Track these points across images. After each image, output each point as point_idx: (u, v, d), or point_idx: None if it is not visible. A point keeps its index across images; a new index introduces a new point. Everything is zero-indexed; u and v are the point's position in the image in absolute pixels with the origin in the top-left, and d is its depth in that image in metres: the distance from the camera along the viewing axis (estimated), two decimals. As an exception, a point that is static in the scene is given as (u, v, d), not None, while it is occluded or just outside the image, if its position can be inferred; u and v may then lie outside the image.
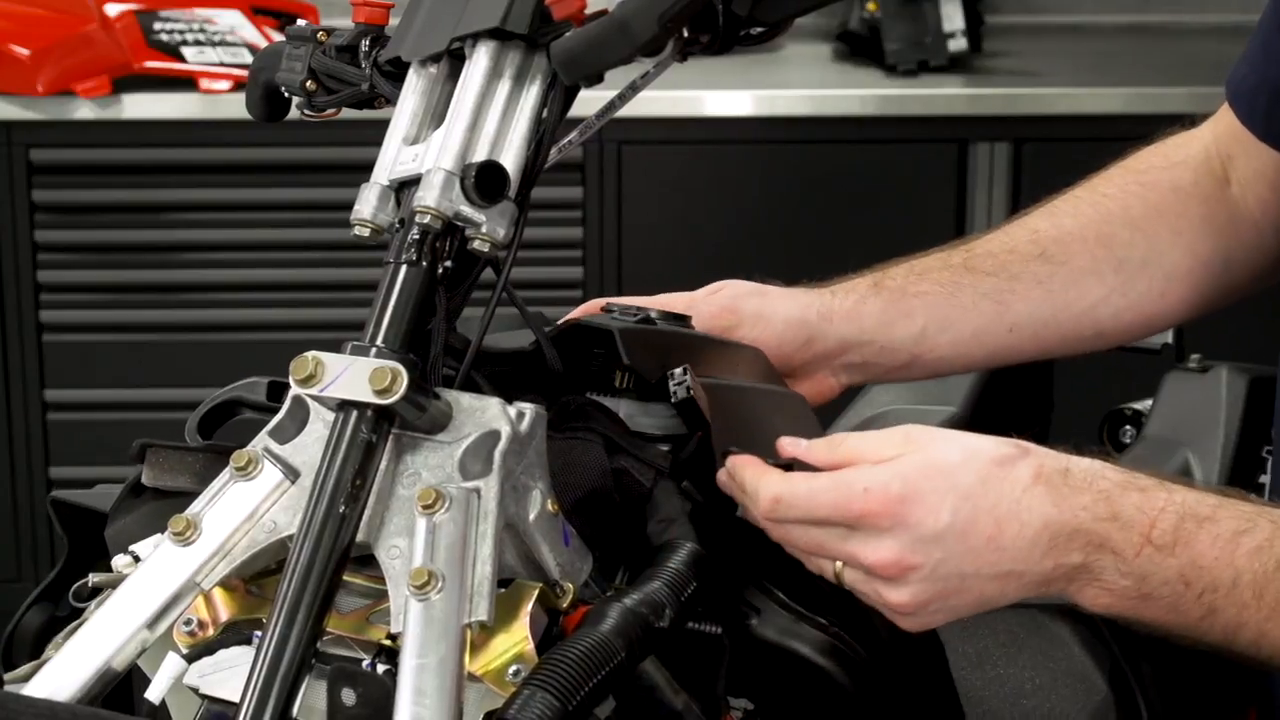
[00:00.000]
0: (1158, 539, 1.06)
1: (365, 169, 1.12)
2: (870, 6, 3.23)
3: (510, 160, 1.09)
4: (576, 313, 1.25)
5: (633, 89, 1.20)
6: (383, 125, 1.13)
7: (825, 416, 1.35)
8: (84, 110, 3.03)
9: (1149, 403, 1.69)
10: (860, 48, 3.27)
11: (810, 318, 1.35)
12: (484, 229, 1.07)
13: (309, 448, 1.05)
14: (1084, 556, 1.07)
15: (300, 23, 1.21)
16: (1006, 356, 1.42)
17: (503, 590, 1.03)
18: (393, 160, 1.10)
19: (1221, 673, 1.34)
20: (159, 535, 1.06)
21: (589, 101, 1.16)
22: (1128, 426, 1.71)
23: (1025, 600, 1.10)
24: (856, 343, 1.37)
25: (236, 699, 0.98)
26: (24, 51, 3.00)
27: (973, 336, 1.39)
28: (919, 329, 1.37)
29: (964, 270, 1.40)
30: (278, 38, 1.23)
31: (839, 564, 1.09)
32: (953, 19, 3.21)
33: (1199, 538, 1.07)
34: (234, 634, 1.05)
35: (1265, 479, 1.57)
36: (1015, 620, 1.10)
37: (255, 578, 1.06)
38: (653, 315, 1.20)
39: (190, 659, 1.04)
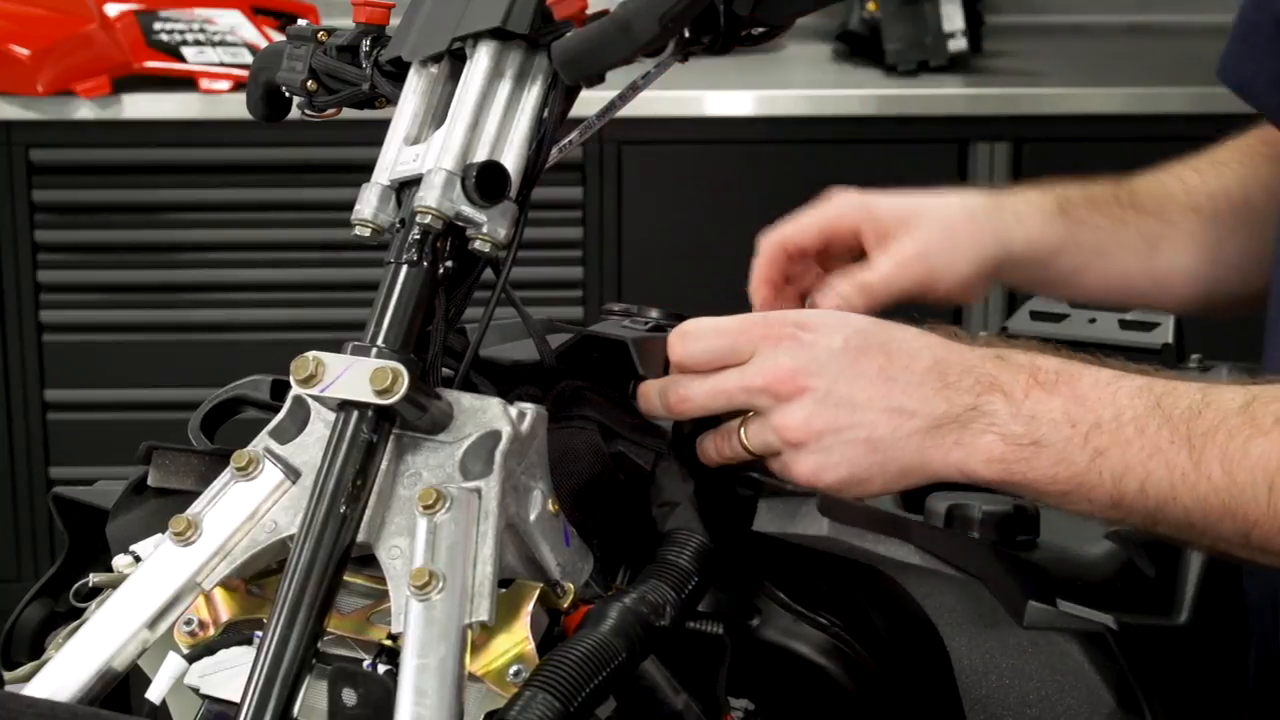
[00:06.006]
0: (1043, 379, 1.08)
1: (365, 169, 1.12)
2: (870, 6, 3.23)
3: (511, 160, 1.09)
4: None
5: (633, 89, 1.20)
6: (383, 125, 1.13)
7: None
8: (84, 110, 3.03)
9: (1149, 403, 1.68)
10: (860, 48, 3.27)
11: (999, 243, 1.35)
12: (485, 229, 1.07)
13: (310, 448, 1.06)
14: (975, 397, 1.08)
15: (301, 23, 1.21)
16: (1139, 300, 1.44)
17: (503, 590, 1.03)
18: (393, 160, 1.11)
19: (1223, 675, 1.34)
20: (159, 535, 1.07)
21: (590, 101, 1.16)
22: (1129, 426, 1.71)
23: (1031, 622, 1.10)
24: (1027, 265, 1.37)
25: (237, 699, 0.98)
26: (24, 51, 3.00)
27: (1121, 275, 1.40)
28: (1083, 260, 1.38)
29: (1130, 207, 1.41)
30: (278, 38, 1.23)
31: (744, 431, 1.11)
32: (953, 19, 3.21)
33: (1082, 378, 1.08)
34: (235, 634, 1.05)
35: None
36: (1025, 636, 1.10)
37: (256, 578, 1.06)
38: (662, 321, 1.20)
39: (191, 659, 1.04)
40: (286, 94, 1.22)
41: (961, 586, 1.09)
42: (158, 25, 3.07)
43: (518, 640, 1.01)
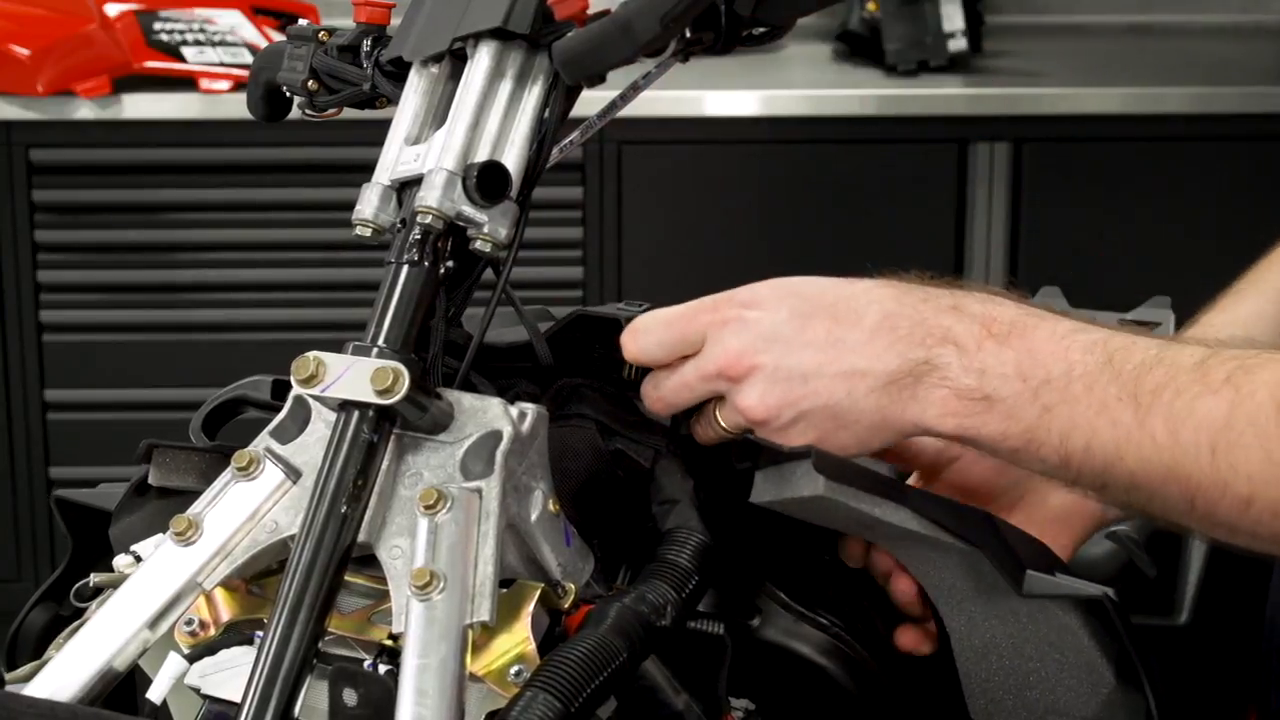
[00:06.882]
0: (996, 331, 1.05)
1: (366, 169, 1.12)
2: (870, 6, 3.23)
3: (512, 160, 1.09)
4: None
5: (634, 89, 1.20)
6: (384, 125, 1.13)
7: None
8: (84, 110, 3.03)
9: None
10: (860, 48, 3.28)
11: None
12: (485, 229, 1.07)
13: (310, 448, 1.06)
14: (927, 352, 1.06)
15: (301, 22, 1.21)
16: None
17: (504, 590, 1.03)
18: (394, 160, 1.11)
19: (1223, 674, 1.35)
20: (160, 535, 1.07)
21: (590, 101, 1.16)
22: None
23: (1042, 593, 1.08)
24: None
25: (238, 699, 0.98)
26: (24, 51, 3.00)
27: None
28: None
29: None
30: (277, 38, 1.24)
31: (717, 414, 1.10)
32: (953, 19, 3.21)
33: (1037, 331, 1.05)
34: (235, 634, 1.05)
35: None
36: (1024, 610, 1.09)
37: (257, 578, 1.06)
38: (657, 306, 1.20)
39: (191, 659, 1.04)
40: (287, 94, 1.22)
41: (961, 557, 1.09)
42: (158, 25, 3.07)
43: (518, 640, 1.01)
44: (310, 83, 1.19)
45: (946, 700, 1.16)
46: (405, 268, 1.06)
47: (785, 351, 1.07)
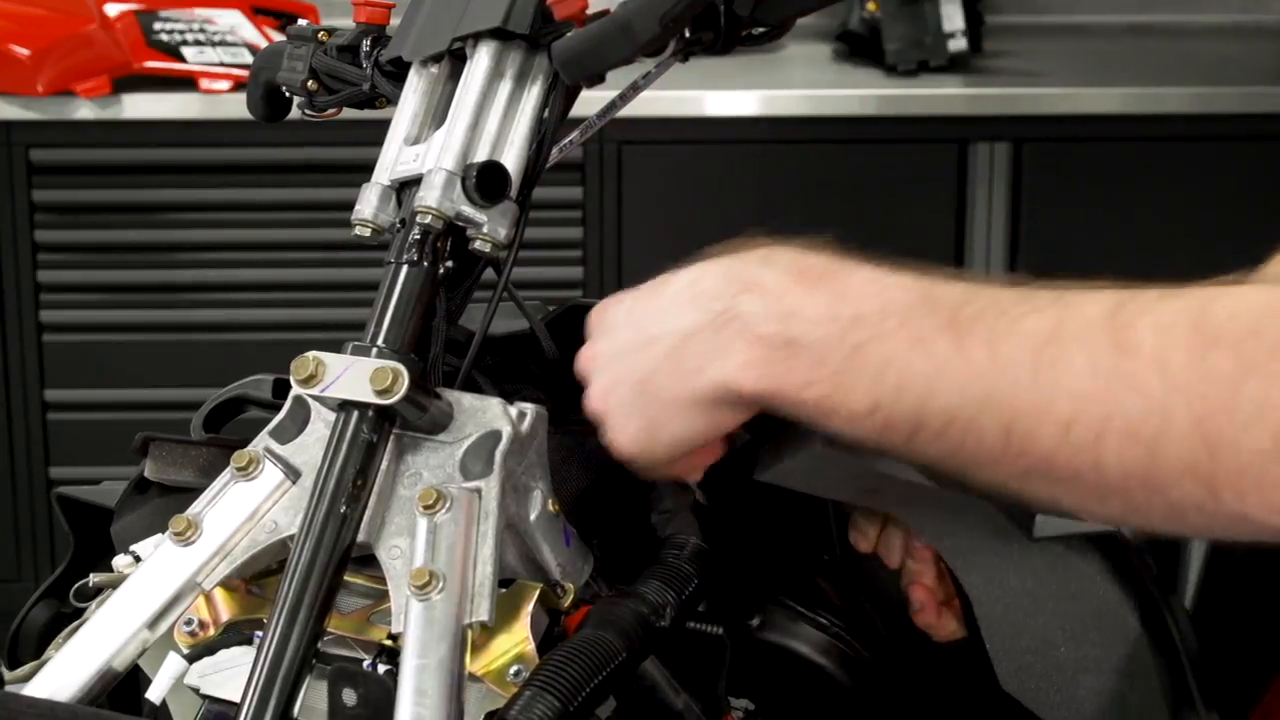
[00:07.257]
0: (807, 276, 0.99)
1: (366, 169, 1.12)
2: (870, 6, 3.23)
3: (511, 160, 1.09)
4: None
5: (634, 89, 1.20)
6: (383, 125, 1.13)
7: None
8: (84, 110, 3.03)
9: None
10: (860, 48, 3.27)
11: None
12: (485, 229, 1.07)
13: (310, 448, 1.06)
14: (728, 302, 0.99)
15: (301, 22, 1.21)
16: None
17: (504, 590, 1.03)
18: (394, 160, 1.11)
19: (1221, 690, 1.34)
20: (160, 535, 1.07)
21: (590, 101, 1.16)
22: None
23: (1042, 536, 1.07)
24: None
25: (237, 699, 0.98)
26: (24, 51, 3.00)
27: None
28: None
29: None
30: (278, 38, 1.24)
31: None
32: (953, 19, 3.21)
33: (851, 275, 0.98)
34: (235, 634, 1.05)
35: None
36: (1040, 561, 1.06)
37: (256, 578, 1.06)
38: None
39: (191, 659, 1.05)
40: (286, 94, 1.22)
41: (972, 511, 1.06)
42: (158, 25, 3.07)
43: (518, 640, 1.01)
44: (310, 83, 1.19)
45: (950, 699, 1.16)
46: (405, 268, 1.06)
47: (611, 339, 1.05)
